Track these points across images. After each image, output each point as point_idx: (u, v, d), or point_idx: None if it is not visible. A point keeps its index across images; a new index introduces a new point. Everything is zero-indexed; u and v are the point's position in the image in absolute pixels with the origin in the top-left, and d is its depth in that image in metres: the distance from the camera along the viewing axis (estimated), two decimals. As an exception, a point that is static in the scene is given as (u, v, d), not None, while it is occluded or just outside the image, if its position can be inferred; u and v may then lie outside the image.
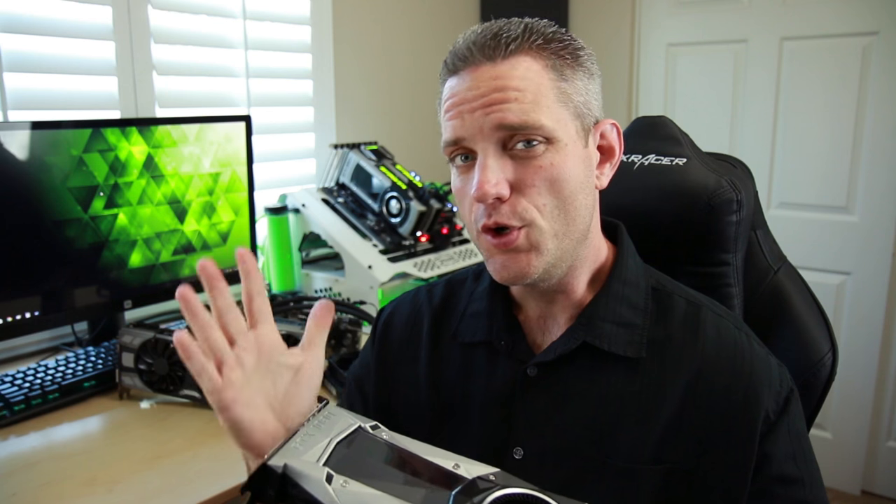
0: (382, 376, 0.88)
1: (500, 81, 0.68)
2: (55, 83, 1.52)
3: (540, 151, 0.68)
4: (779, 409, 0.73)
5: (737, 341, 0.75)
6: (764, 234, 0.95)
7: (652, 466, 0.72)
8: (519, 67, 0.68)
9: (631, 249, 0.80)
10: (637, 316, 0.76)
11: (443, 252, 1.83)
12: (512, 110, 0.67)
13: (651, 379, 0.74)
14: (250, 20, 1.86)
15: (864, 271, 2.31)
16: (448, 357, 0.83)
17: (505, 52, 0.68)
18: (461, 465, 0.57)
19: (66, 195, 1.33)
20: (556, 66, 0.70)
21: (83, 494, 0.99)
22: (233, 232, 1.65)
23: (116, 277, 1.44)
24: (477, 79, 0.69)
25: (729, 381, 0.72)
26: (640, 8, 2.57)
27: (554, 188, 0.69)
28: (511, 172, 0.68)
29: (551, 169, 0.68)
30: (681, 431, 0.72)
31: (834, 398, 2.40)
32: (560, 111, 0.69)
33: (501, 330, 0.79)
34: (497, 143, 0.68)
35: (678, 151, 0.92)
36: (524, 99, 0.67)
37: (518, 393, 0.76)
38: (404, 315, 0.89)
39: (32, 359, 1.46)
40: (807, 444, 0.76)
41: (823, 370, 0.89)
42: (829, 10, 2.22)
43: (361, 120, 2.23)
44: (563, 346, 0.75)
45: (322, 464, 0.55)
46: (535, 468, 0.75)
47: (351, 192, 1.88)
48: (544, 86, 0.69)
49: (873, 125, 2.21)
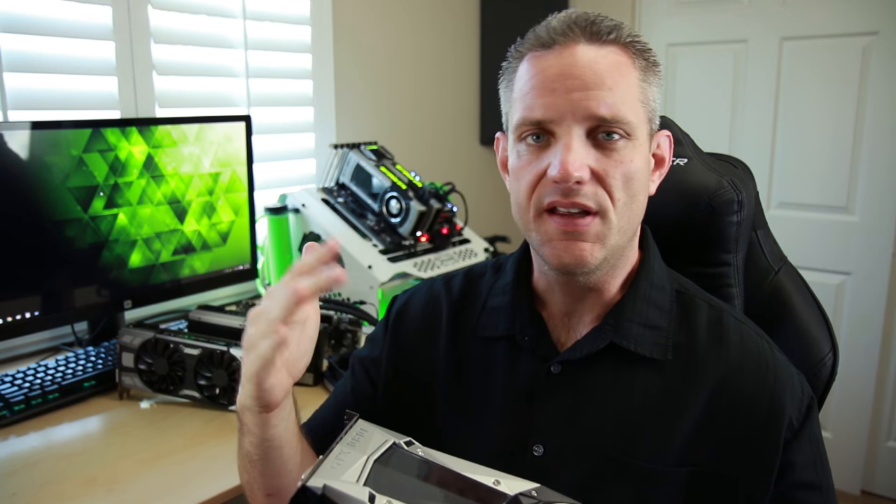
0: (395, 365, 0.86)
1: (600, 66, 0.67)
2: (55, 83, 1.52)
3: (620, 145, 0.68)
4: (801, 417, 0.73)
5: (759, 349, 0.76)
6: (765, 235, 0.95)
7: (675, 469, 0.72)
8: (615, 57, 0.69)
9: (656, 253, 0.81)
10: (663, 318, 0.76)
11: (443, 252, 1.83)
12: (606, 101, 0.67)
13: (675, 382, 0.74)
14: (250, 20, 1.86)
15: (864, 271, 2.31)
16: (468, 350, 0.82)
17: (606, 37, 0.69)
18: (502, 482, 0.56)
19: (66, 195, 1.33)
20: (642, 67, 0.71)
21: (83, 494, 0.99)
22: (233, 232, 1.65)
23: (116, 277, 1.44)
24: (575, 57, 0.68)
25: (754, 388, 0.73)
26: (640, 8, 2.57)
27: (627, 184, 0.69)
28: (593, 160, 0.68)
29: (628, 164, 0.69)
30: (705, 435, 0.72)
31: (834, 398, 2.40)
32: (640, 110, 0.70)
33: (525, 325, 0.79)
34: (585, 128, 0.68)
35: (679, 151, 0.92)
36: (617, 90, 0.68)
37: (540, 390, 0.76)
38: (420, 305, 0.88)
39: (32, 359, 1.46)
40: (824, 451, 0.76)
41: (824, 370, 0.89)
42: (829, 10, 2.22)
43: (361, 120, 2.23)
44: (591, 346, 0.75)
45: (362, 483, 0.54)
46: (555, 466, 0.74)
47: (351, 192, 1.88)
48: (633, 82, 0.69)
49: (873, 125, 2.21)
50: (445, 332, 0.84)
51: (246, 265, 1.70)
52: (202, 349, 1.24)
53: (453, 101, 2.61)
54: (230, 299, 1.86)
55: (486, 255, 1.93)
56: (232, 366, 1.23)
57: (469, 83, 2.67)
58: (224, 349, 1.23)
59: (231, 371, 1.23)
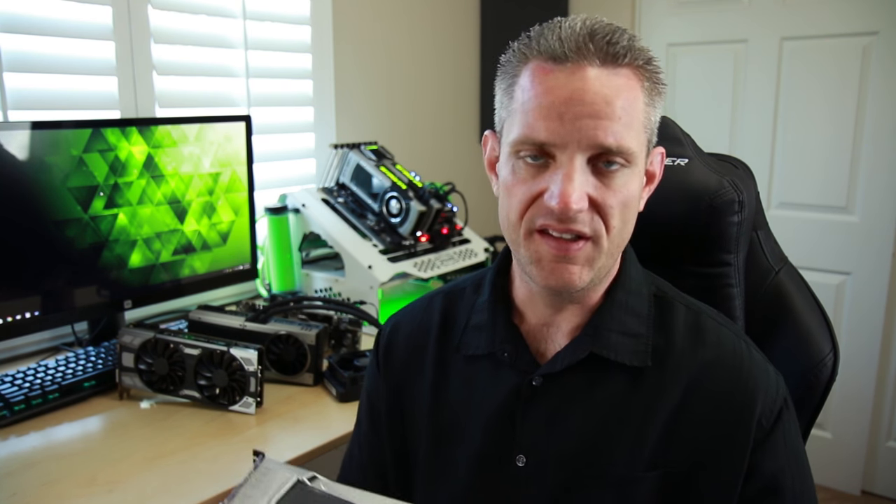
0: (391, 396, 0.87)
1: (611, 94, 0.64)
2: (55, 83, 1.52)
3: (619, 174, 0.67)
4: (773, 417, 0.72)
5: (736, 349, 0.75)
6: (765, 235, 0.95)
7: (648, 472, 0.72)
8: (628, 83, 0.66)
9: (633, 257, 0.80)
10: (641, 325, 0.76)
11: (443, 252, 1.83)
12: (612, 130, 0.65)
13: (652, 386, 0.74)
14: (250, 20, 1.86)
15: (864, 271, 2.31)
16: (452, 369, 0.83)
17: (622, 60, 0.65)
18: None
19: (66, 195, 1.33)
20: (649, 90, 0.69)
21: (83, 494, 0.99)
22: (233, 232, 1.65)
23: (116, 277, 1.44)
24: (588, 81, 0.64)
25: (726, 387, 0.72)
26: (640, 8, 2.57)
27: (623, 211, 0.68)
28: (592, 188, 0.67)
29: (625, 192, 0.68)
30: (676, 436, 0.72)
31: (834, 398, 2.39)
32: (642, 135, 0.68)
33: (504, 341, 0.78)
34: (587, 156, 0.66)
35: (680, 152, 0.92)
36: (624, 120, 0.65)
37: (522, 402, 0.76)
38: (406, 333, 0.88)
39: (32, 359, 1.46)
40: (802, 455, 0.75)
41: (825, 370, 0.89)
42: (829, 10, 2.22)
43: (361, 120, 2.22)
44: (571, 357, 0.74)
45: None
46: (537, 476, 0.75)
47: (351, 192, 1.88)
48: (639, 108, 0.67)
49: (873, 125, 2.21)
50: (432, 354, 0.84)
51: (246, 265, 1.70)
52: (202, 349, 1.24)
53: (453, 101, 2.61)
54: (230, 299, 1.86)
55: (486, 255, 1.92)
56: (232, 366, 1.23)
57: (469, 83, 2.67)
58: (224, 349, 1.23)
59: (231, 371, 1.23)
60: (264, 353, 1.32)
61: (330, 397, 1.33)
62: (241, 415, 1.24)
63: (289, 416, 1.25)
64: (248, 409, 1.23)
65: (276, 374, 1.38)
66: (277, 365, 1.38)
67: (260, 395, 1.24)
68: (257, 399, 1.23)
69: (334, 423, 1.22)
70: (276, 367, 1.38)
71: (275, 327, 1.37)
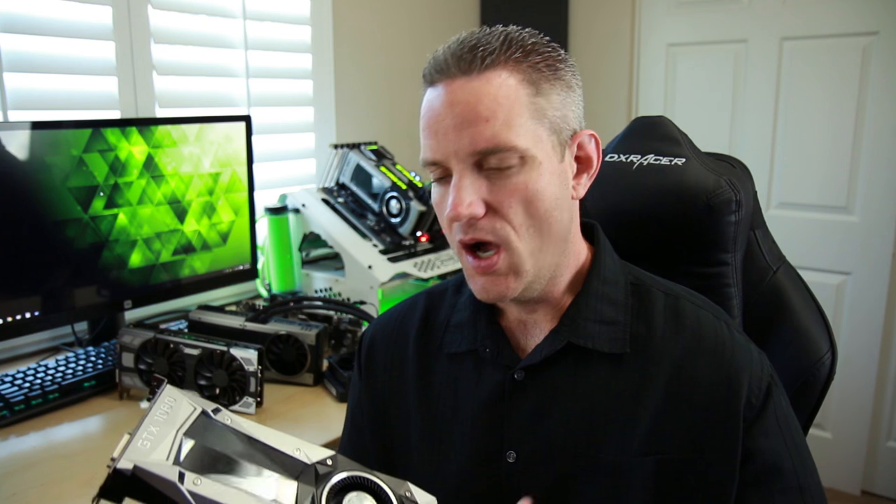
0: (374, 404, 0.88)
1: (473, 99, 0.67)
2: (55, 83, 1.52)
3: (514, 171, 0.68)
4: (762, 395, 0.73)
5: (717, 330, 0.75)
6: (763, 234, 0.95)
7: (641, 458, 0.72)
8: (494, 83, 0.67)
9: (608, 248, 0.81)
10: (619, 313, 0.76)
11: (443, 252, 1.83)
12: (483, 133, 0.66)
13: (635, 373, 0.74)
14: (250, 20, 1.87)
15: (864, 271, 2.31)
16: (435, 369, 0.83)
17: (481, 65, 0.67)
18: (301, 449, 0.59)
19: (66, 195, 1.33)
20: (534, 81, 0.69)
21: (83, 494, 0.99)
22: (233, 232, 1.66)
23: (116, 277, 1.44)
24: (451, 94, 0.68)
25: (711, 370, 0.73)
26: (640, 8, 2.57)
27: (530, 208, 0.69)
28: (486, 192, 0.68)
29: (526, 188, 0.68)
30: (668, 422, 0.72)
31: (834, 398, 2.40)
32: (535, 128, 0.68)
33: (485, 337, 0.79)
34: (471, 163, 0.68)
35: (677, 151, 0.92)
36: (497, 119, 0.66)
37: (507, 397, 0.77)
38: (386, 336, 0.89)
39: (32, 359, 1.46)
40: (795, 429, 0.75)
41: (822, 370, 0.89)
42: (829, 10, 2.22)
43: (361, 120, 2.23)
44: (549, 348, 0.75)
45: (171, 461, 0.54)
46: (528, 470, 0.75)
47: (351, 192, 1.88)
48: (519, 102, 0.68)
49: (873, 125, 2.21)
50: (413, 354, 0.85)
51: (246, 265, 1.71)
52: (202, 349, 1.24)
53: (453, 101, 2.60)
54: (230, 299, 1.86)
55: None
56: (232, 366, 1.23)
57: (469, 83, 2.66)
58: (224, 349, 1.23)
59: (231, 371, 1.23)
60: (264, 353, 1.32)
61: (330, 397, 1.33)
62: (241, 415, 1.24)
63: (289, 416, 1.25)
64: (248, 409, 1.23)
65: (276, 374, 1.38)
66: (277, 365, 1.38)
67: (260, 395, 1.24)
68: (257, 399, 1.23)
69: (334, 423, 1.22)
70: (276, 367, 1.38)
71: (275, 327, 1.38)
